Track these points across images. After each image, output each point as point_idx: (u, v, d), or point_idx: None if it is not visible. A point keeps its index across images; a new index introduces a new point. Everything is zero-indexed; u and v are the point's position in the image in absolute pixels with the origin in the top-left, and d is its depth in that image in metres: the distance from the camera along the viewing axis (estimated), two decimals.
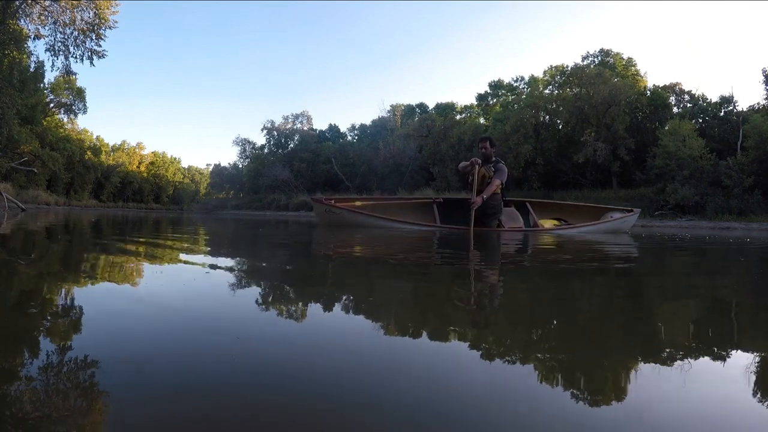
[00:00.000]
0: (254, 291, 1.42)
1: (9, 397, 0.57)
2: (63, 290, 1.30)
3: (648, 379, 0.71)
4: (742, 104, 26.89)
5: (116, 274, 1.64)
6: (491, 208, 5.85)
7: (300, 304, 1.23)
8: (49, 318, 0.98)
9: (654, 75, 53.11)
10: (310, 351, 0.81)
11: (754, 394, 0.67)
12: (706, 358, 0.83)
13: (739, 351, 0.91)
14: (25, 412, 0.54)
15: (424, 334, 0.95)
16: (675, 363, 0.79)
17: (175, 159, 65.27)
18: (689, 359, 0.82)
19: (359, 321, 1.05)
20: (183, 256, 2.30)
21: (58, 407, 0.56)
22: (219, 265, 1.95)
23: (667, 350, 0.87)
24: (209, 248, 2.98)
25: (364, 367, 0.74)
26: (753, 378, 0.74)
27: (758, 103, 23.35)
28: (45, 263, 1.96)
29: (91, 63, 16.87)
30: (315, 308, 1.17)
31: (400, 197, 6.89)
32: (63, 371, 0.67)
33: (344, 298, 1.32)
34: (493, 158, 6.01)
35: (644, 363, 0.79)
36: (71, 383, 0.63)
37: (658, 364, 0.78)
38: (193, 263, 2.02)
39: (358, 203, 6.66)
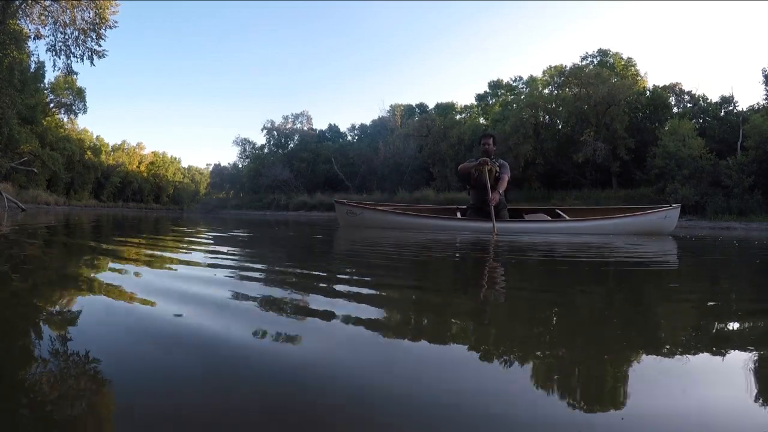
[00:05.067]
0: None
1: (7, 397, 0.58)
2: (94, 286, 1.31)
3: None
4: (742, 104, 26.87)
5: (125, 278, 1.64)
6: (501, 203, 5.92)
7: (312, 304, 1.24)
8: (57, 316, 0.99)
9: (654, 75, 53.07)
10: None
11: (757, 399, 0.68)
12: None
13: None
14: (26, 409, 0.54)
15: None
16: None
17: (175, 159, 65.16)
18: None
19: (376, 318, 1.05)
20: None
21: (61, 402, 0.57)
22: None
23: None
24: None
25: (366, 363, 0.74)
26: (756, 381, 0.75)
27: (758, 103, 23.34)
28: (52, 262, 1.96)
29: (92, 63, 16.83)
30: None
31: (425, 206, 6.93)
32: (71, 367, 0.68)
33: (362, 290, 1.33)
34: (493, 156, 6.04)
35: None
36: (78, 379, 0.64)
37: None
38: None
39: (381, 208, 6.71)
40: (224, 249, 2.84)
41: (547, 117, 28.00)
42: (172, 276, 1.63)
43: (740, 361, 0.82)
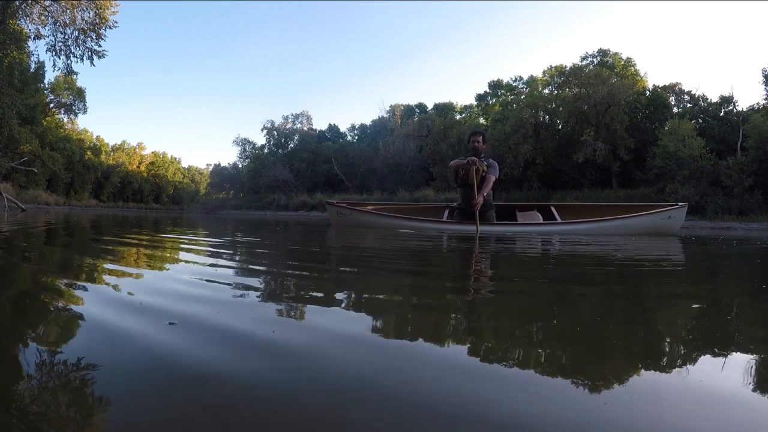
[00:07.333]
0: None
1: (6, 399, 0.58)
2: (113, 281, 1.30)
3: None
4: (742, 104, 26.84)
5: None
6: (487, 204, 5.86)
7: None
8: (61, 313, 0.99)
9: (654, 75, 53.02)
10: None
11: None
12: None
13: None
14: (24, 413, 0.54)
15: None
16: None
17: (175, 159, 65.15)
18: None
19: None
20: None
21: (57, 407, 0.56)
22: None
23: None
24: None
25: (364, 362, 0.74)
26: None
27: (758, 103, 23.30)
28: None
29: (92, 63, 16.84)
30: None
31: (414, 203, 7.04)
32: (74, 369, 0.68)
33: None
34: (482, 155, 5.93)
35: None
36: (76, 381, 0.64)
37: None
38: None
39: (369, 207, 6.79)
40: (221, 250, 2.84)
41: (547, 117, 27.97)
42: (168, 279, 1.63)
43: (742, 365, 0.82)
